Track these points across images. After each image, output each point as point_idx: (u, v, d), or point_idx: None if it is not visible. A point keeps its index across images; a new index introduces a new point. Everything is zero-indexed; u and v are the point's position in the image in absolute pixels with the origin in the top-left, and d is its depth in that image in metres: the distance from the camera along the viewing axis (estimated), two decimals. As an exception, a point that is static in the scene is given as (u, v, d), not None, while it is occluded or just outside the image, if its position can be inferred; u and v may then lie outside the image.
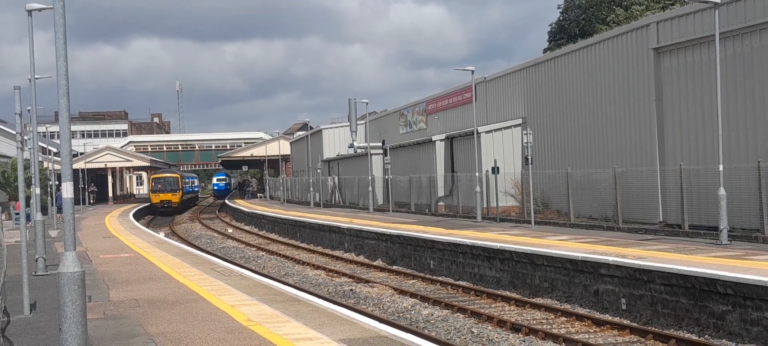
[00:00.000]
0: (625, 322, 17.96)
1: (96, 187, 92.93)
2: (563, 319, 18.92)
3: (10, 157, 61.34)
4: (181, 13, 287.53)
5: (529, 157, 32.02)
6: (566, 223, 31.83)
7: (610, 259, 19.62)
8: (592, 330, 17.68)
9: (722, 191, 22.73)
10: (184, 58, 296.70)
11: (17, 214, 43.98)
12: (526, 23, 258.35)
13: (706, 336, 16.12)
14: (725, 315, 16.14)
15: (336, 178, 67.64)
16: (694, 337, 16.12)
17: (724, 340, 15.74)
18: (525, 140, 32.30)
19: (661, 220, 28.97)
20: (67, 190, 10.42)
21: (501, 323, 18.49)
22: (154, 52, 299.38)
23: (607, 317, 18.49)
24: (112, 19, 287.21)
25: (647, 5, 58.38)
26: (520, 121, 41.39)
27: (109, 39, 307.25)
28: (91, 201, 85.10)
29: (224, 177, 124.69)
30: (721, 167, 23.01)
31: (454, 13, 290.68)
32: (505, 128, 41.99)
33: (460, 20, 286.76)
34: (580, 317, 18.66)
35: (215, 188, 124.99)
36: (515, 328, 17.89)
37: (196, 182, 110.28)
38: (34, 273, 21.70)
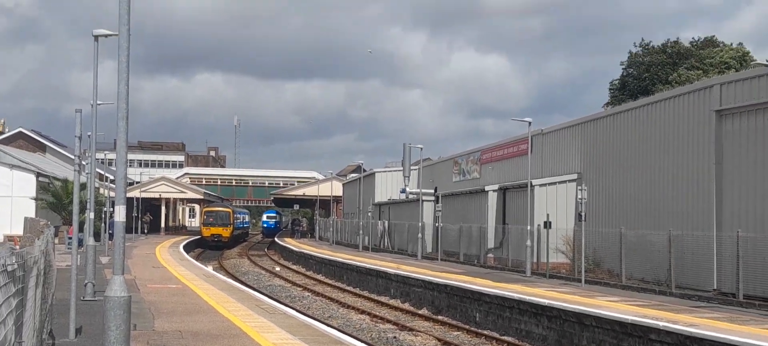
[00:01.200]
0: (674, 390, 17.46)
1: (151, 216, 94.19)
2: (610, 382, 18.46)
3: (61, 180, 62.40)
4: (246, 49, 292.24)
5: (583, 214, 31.58)
6: (617, 284, 31.25)
7: (661, 324, 19.15)
8: (639, 396, 17.22)
9: (781, 262, 22.13)
10: (244, 93, 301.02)
11: (70, 238, 44.64)
12: (586, 79, 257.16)
13: (759, 411, 15.58)
14: (779, 391, 15.59)
15: (386, 222, 67.53)
16: (745, 411, 15.59)
17: (777, 416, 15.20)
18: (579, 196, 31.86)
19: (715, 287, 28.29)
20: (120, 213, 10.46)
21: (545, 381, 18.10)
22: (216, 85, 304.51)
23: (656, 384, 18.01)
24: (179, 51, 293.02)
25: (706, 70, 57.87)
26: (575, 176, 40.96)
27: (174, 71, 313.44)
28: (145, 231, 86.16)
29: (275, 215, 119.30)
30: (780, 237, 22.43)
31: (515, 65, 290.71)
32: (560, 182, 41.58)
33: (522, 72, 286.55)
34: (628, 382, 18.20)
35: (265, 225, 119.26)
36: (560, 388, 17.49)
37: (247, 218, 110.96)
38: (82, 298, 21.89)
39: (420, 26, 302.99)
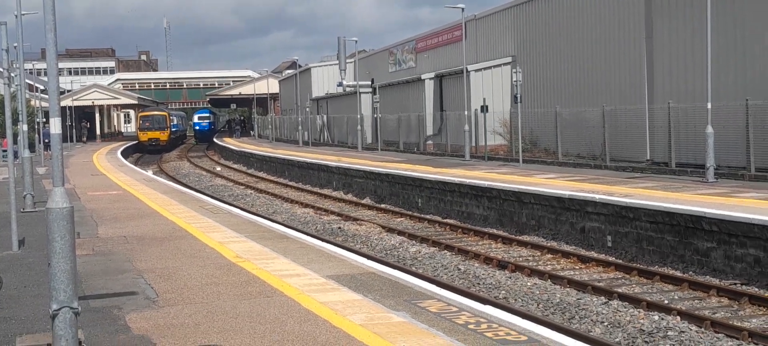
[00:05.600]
0: (611, 259, 18.14)
1: (89, 123, 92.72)
2: (549, 256, 19.09)
3: None
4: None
5: (519, 96, 31.99)
6: (554, 161, 31.95)
7: (597, 197, 19.74)
8: (577, 267, 17.86)
9: (710, 129, 22.82)
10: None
11: (4, 151, 43.85)
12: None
13: (691, 273, 16.30)
14: (710, 252, 16.31)
15: (325, 116, 67.55)
16: (678, 273, 16.31)
17: (708, 276, 15.93)
18: (514, 79, 32.22)
19: (648, 158, 29.11)
20: (55, 126, 10.37)
21: (487, 260, 18.64)
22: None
23: (593, 254, 18.67)
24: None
25: None
26: (509, 59, 41.29)
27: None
28: (84, 139, 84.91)
29: (207, 115, 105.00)
30: (709, 105, 23.06)
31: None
32: (495, 67, 41.89)
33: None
34: (566, 254, 18.84)
35: (196, 127, 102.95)
36: (502, 265, 18.05)
37: (185, 121, 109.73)
38: (22, 210, 21.69)
39: None
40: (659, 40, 29.52)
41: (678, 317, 13.10)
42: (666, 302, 14.34)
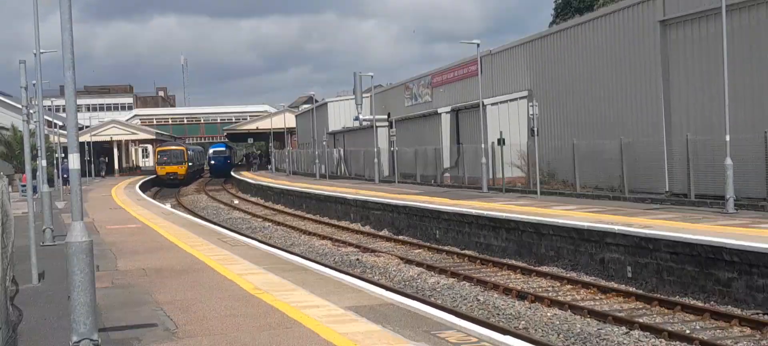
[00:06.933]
0: (631, 289, 18.01)
1: (107, 158, 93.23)
2: (569, 287, 18.99)
3: (8, 129, 61.41)
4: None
5: (535, 129, 31.96)
6: (572, 193, 31.84)
7: (616, 228, 19.65)
8: (597, 297, 17.75)
9: (729, 161, 22.73)
10: (199, 33, 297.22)
11: (23, 186, 44.12)
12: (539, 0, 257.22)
13: (712, 303, 16.17)
14: (731, 282, 16.18)
15: (341, 150, 67.65)
16: (699, 304, 16.17)
17: (729, 306, 15.79)
18: (530, 112, 32.19)
19: (667, 190, 28.96)
20: (74, 161, 10.46)
21: (507, 290, 18.56)
22: (170, 28, 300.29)
23: (613, 285, 18.55)
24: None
25: None
26: (525, 93, 41.30)
27: (129, 16, 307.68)
28: (102, 174, 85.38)
29: (223, 149, 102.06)
30: (727, 137, 22.99)
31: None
32: (511, 100, 41.90)
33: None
34: (586, 285, 18.73)
35: (212, 162, 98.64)
36: (521, 295, 17.96)
37: (202, 155, 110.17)
38: (41, 244, 21.81)
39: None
40: (675, 72, 29.49)
41: (700, 348, 12.98)
42: (688, 331, 14.22)
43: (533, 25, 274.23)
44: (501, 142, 37.84)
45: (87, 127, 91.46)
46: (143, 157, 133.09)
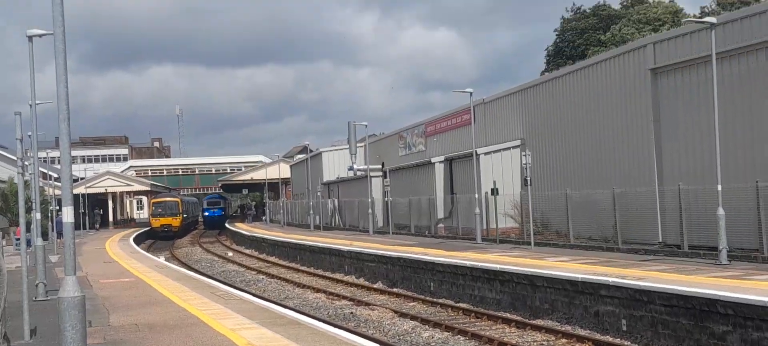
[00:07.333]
0: (626, 343, 17.95)
1: (102, 210, 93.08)
2: (564, 340, 18.91)
3: (5, 182, 61.37)
4: (198, 39, 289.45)
5: (529, 179, 32.06)
6: (566, 244, 31.84)
7: (610, 280, 19.64)
8: (592, 351, 17.67)
9: (721, 211, 22.77)
10: (195, 83, 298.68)
11: (18, 239, 43.97)
12: (532, 46, 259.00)
13: (707, 356, 16.11)
14: (726, 335, 16.14)
15: (336, 200, 67.67)
16: (694, 357, 16.11)
17: (724, 360, 15.74)
18: (524, 162, 32.31)
19: (660, 240, 28.99)
20: (68, 214, 10.48)
21: (502, 345, 18.47)
22: (167, 78, 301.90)
23: (608, 339, 18.49)
24: (131, 47, 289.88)
25: (638, 28, 58.85)
26: (518, 142, 41.48)
27: (126, 66, 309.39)
28: (97, 226, 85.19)
29: (218, 200, 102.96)
30: (719, 187, 23.05)
31: (464, 38, 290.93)
32: (504, 149, 42.07)
33: (470, 44, 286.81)
34: (581, 339, 18.66)
35: (206, 214, 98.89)
36: (515, 350, 17.87)
37: (197, 206, 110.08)
38: (34, 299, 21.72)
39: (371, 6, 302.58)
40: (667, 122, 29.68)
41: (695, 403, 12.92)
42: (682, 386, 14.14)
43: (526, 73, 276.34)
44: (494, 192, 37.92)
45: (82, 178, 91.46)
46: (138, 209, 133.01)
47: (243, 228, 74.73)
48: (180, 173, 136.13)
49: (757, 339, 15.42)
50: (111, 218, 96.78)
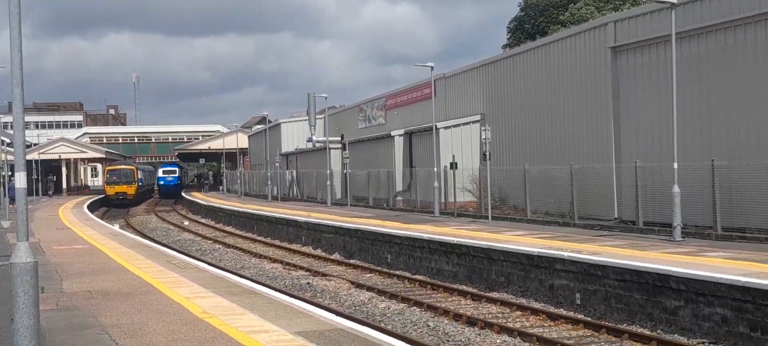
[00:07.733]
0: (579, 316, 18.12)
1: (55, 177, 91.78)
2: (518, 313, 19.05)
3: None
4: (158, 8, 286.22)
5: (488, 153, 32.16)
6: (523, 219, 32.04)
7: (566, 254, 19.79)
8: (546, 324, 17.82)
9: (676, 189, 23.04)
10: (153, 51, 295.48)
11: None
12: (494, 22, 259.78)
13: (659, 331, 16.32)
14: (678, 310, 16.36)
15: (294, 172, 67.44)
16: (646, 332, 16.32)
17: (676, 335, 15.95)
18: (483, 136, 32.41)
19: (616, 216, 29.28)
20: (21, 180, 10.27)
21: (457, 316, 18.56)
22: (124, 45, 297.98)
23: (562, 312, 18.65)
24: (88, 13, 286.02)
25: (598, 6, 59.08)
26: (478, 117, 41.58)
27: (83, 32, 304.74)
28: (50, 193, 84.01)
29: (174, 169, 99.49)
30: (675, 165, 23.31)
31: (427, 12, 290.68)
32: (464, 124, 42.16)
33: (432, 19, 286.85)
34: (535, 312, 18.80)
35: (161, 182, 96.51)
36: (471, 321, 17.97)
37: (152, 175, 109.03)
38: (-15, 264, 21.33)
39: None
40: (626, 100, 29.92)
41: (647, 376, 13.08)
42: (635, 360, 14.31)
43: (489, 48, 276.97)
44: (453, 166, 38.01)
45: (35, 144, 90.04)
46: (92, 176, 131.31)
47: (199, 197, 74.21)
48: (136, 141, 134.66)
49: (708, 314, 15.64)
50: (64, 185, 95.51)
